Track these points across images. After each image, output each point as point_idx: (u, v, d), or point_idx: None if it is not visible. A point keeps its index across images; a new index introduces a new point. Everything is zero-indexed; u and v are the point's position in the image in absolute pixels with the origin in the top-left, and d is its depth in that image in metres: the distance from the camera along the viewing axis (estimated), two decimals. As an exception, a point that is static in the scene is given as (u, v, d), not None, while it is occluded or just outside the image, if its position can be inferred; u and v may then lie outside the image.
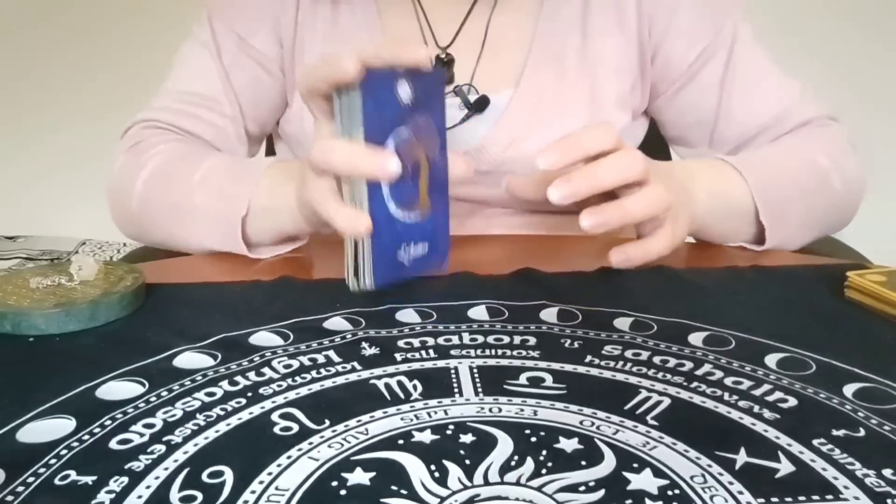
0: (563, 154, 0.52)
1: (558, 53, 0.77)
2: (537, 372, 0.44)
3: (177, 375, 0.44)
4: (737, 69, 0.77)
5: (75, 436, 0.37)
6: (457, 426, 0.38)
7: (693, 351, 0.46)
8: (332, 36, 0.78)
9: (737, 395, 0.41)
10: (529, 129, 0.76)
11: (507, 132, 0.76)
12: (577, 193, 0.51)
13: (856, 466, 0.34)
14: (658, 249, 0.56)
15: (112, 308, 0.51)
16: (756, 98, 0.78)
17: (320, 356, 0.46)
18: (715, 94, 0.78)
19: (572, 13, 0.77)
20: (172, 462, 0.35)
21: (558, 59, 0.77)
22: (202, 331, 0.49)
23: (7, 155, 2.54)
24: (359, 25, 0.77)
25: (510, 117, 0.76)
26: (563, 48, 0.77)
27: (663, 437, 0.37)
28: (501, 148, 0.76)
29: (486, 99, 0.76)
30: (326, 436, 0.37)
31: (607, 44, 0.77)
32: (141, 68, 2.43)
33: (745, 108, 0.77)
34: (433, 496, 0.32)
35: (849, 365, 0.44)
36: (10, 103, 2.50)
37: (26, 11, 2.45)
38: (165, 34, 2.34)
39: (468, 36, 0.78)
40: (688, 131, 0.82)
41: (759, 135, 0.78)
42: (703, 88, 0.78)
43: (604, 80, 0.77)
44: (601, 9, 0.77)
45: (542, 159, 0.52)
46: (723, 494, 0.32)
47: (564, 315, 0.52)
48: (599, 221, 0.53)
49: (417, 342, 0.48)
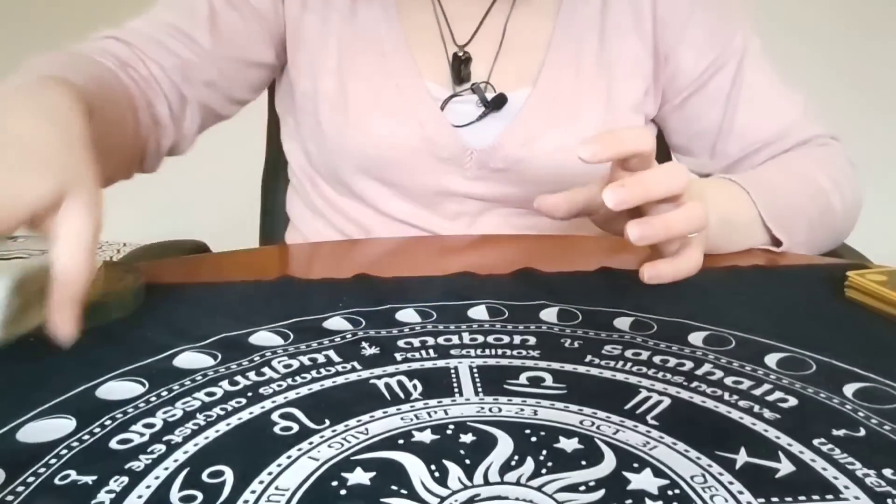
0: (604, 146, 0.51)
1: (575, 54, 0.77)
2: (537, 372, 0.44)
3: (177, 375, 0.44)
4: (743, 83, 0.77)
5: (75, 435, 0.37)
6: (457, 426, 0.38)
7: (693, 351, 0.46)
8: (351, 31, 0.78)
9: (737, 395, 0.41)
10: (545, 129, 0.76)
11: (523, 131, 0.76)
12: (630, 200, 0.50)
13: (856, 466, 0.34)
14: (688, 268, 0.55)
15: (112, 308, 0.51)
16: (761, 113, 0.78)
17: (320, 356, 0.46)
18: (721, 106, 0.78)
19: (590, 14, 0.77)
20: (172, 462, 0.35)
21: (575, 60, 0.77)
22: (202, 331, 0.49)
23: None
24: (377, 20, 0.78)
25: (526, 116, 0.76)
26: (581, 49, 0.77)
27: (663, 437, 0.37)
28: (517, 146, 0.76)
29: (504, 97, 0.76)
30: (326, 436, 0.37)
31: (624, 47, 0.77)
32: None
33: (749, 123, 0.78)
34: (433, 496, 0.32)
35: (849, 365, 0.44)
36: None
37: (25, 9, 2.45)
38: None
39: (486, 34, 0.78)
40: (690, 141, 0.82)
41: (762, 150, 0.78)
42: (710, 100, 0.78)
43: (620, 83, 0.77)
44: (619, 11, 0.77)
45: (584, 149, 0.51)
46: (723, 494, 0.32)
47: (564, 315, 0.52)
48: (647, 233, 0.51)
49: (417, 342, 0.48)
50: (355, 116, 0.76)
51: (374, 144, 0.76)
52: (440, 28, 0.78)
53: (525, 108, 0.76)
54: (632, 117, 0.78)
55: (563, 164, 0.75)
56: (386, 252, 0.72)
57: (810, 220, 0.71)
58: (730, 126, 0.78)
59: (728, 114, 0.78)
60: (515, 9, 0.78)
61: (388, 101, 0.76)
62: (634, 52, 0.77)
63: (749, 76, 0.78)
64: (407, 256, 0.70)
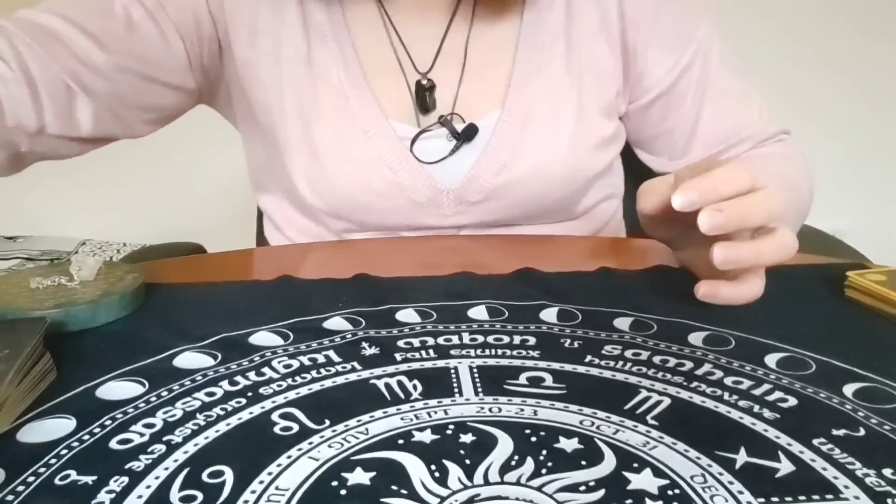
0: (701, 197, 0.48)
1: (543, 65, 0.75)
2: (537, 372, 0.44)
3: (177, 375, 0.44)
4: (707, 84, 0.77)
5: (75, 436, 0.37)
6: (457, 426, 0.38)
7: (693, 351, 0.46)
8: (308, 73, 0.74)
9: (737, 395, 0.41)
10: (518, 153, 0.74)
11: (496, 158, 0.74)
12: (725, 227, 0.47)
13: (856, 466, 0.34)
14: (748, 296, 0.52)
15: (112, 308, 0.51)
16: (723, 115, 0.78)
17: (320, 356, 0.46)
18: (686, 107, 0.78)
19: (555, 21, 0.75)
20: (172, 462, 0.35)
21: (543, 70, 0.75)
22: (202, 331, 0.49)
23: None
24: (335, 60, 0.74)
25: (499, 141, 0.74)
26: (549, 58, 0.75)
27: (663, 437, 0.37)
28: (492, 175, 0.74)
29: (475, 127, 0.74)
30: (326, 436, 0.37)
31: (593, 51, 0.76)
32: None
33: (712, 124, 0.78)
34: (433, 496, 0.32)
35: (849, 364, 0.44)
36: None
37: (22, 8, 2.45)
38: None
39: (448, 57, 0.75)
40: (654, 140, 0.82)
41: (725, 151, 0.78)
42: (675, 101, 0.78)
43: (590, 88, 0.76)
44: (584, 14, 0.75)
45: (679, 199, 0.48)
46: (723, 494, 0.32)
47: (564, 315, 0.52)
48: (733, 259, 0.48)
49: (417, 342, 0.48)
50: (323, 164, 0.73)
51: (346, 193, 0.73)
52: (398, 58, 0.75)
53: (496, 133, 0.74)
54: (604, 123, 0.77)
55: (542, 177, 0.74)
56: (386, 252, 0.72)
57: (797, 212, 0.74)
58: (693, 127, 0.78)
59: (692, 115, 0.78)
60: (475, 26, 0.75)
61: (357, 149, 0.73)
62: (603, 54, 0.76)
63: (712, 77, 0.77)
64: (407, 256, 0.70)
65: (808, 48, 2.03)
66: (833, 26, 2.10)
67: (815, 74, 2.05)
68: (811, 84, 2.02)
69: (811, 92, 2.01)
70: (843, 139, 2.06)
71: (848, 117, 2.09)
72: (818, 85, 2.04)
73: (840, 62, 2.09)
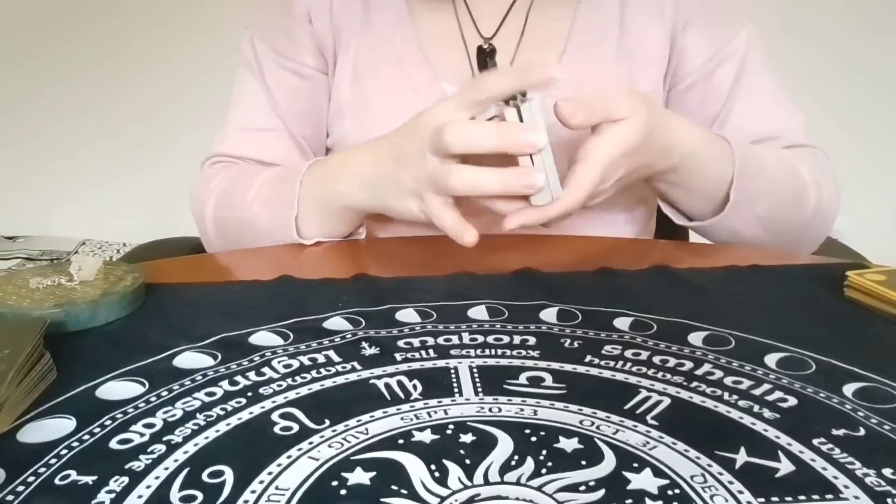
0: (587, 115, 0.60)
1: (596, 44, 0.78)
2: (537, 372, 0.44)
3: (177, 375, 0.44)
4: (746, 82, 0.79)
5: (75, 435, 0.37)
6: (457, 426, 0.38)
7: (693, 351, 0.46)
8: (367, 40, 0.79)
9: (737, 395, 0.41)
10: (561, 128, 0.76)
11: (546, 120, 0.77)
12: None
13: (856, 466, 0.34)
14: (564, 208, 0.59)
15: (112, 308, 0.51)
16: (757, 112, 0.79)
17: (320, 356, 0.46)
18: (721, 99, 0.79)
19: (611, 3, 0.78)
20: (172, 462, 0.35)
21: (596, 50, 0.78)
22: (202, 331, 0.49)
23: (6, 154, 2.54)
24: (391, 25, 0.79)
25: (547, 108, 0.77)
26: (601, 40, 0.78)
27: (663, 437, 0.37)
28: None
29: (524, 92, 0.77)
30: (326, 435, 0.37)
31: (645, 36, 0.78)
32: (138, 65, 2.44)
33: (743, 119, 0.79)
34: (433, 496, 0.32)
35: (849, 364, 0.44)
36: (10, 101, 2.50)
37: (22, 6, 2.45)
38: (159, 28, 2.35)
39: (508, 27, 0.79)
40: None
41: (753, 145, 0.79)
42: (712, 91, 0.79)
43: (639, 72, 0.78)
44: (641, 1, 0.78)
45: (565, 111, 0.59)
46: (723, 494, 0.32)
47: (564, 315, 0.52)
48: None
49: (417, 342, 0.48)
50: (373, 120, 0.77)
51: None
52: (460, 25, 0.79)
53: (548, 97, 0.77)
54: None
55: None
56: (386, 252, 0.72)
57: (776, 195, 0.72)
58: (725, 118, 0.79)
59: (726, 106, 0.79)
60: (536, 2, 0.79)
61: (406, 104, 0.75)
62: (656, 39, 0.79)
63: (752, 77, 0.79)
64: (407, 256, 0.70)
65: (807, 48, 2.03)
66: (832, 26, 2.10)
67: (815, 74, 2.05)
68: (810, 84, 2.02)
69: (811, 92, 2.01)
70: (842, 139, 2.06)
71: (848, 117, 2.09)
72: (818, 85, 2.04)
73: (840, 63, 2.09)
